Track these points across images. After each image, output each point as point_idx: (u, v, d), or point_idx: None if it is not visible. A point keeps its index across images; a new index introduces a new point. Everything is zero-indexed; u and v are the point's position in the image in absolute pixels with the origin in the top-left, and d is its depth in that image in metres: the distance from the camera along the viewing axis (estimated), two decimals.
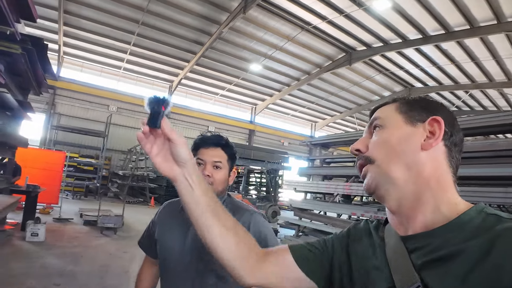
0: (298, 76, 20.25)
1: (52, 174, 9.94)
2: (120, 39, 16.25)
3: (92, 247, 5.93)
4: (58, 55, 17.31)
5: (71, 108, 18.76)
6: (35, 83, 6.69)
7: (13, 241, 5.65)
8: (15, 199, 6.06)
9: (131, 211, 10.87)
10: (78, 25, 15.30)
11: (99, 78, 19.59)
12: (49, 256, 5.01)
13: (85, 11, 14.42)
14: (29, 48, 4.75)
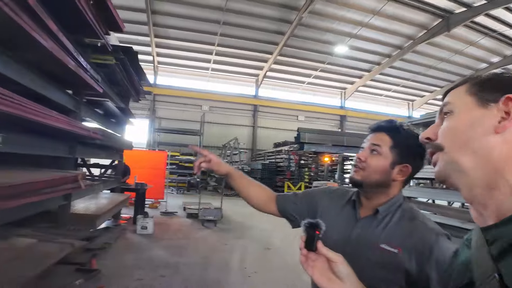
0: (388, 52, 18.48)
1: (157, 172, 10.94)
2: (205, 42, 17.07)
3: (195, 239, 6.26)
4: (153, 65, 19.13)
5: (169, 111, 20.52)
6: (133, 91, 7.33)
7: (126, 234, 6.29)
8: (125, 197, 6.77)
9: (229, 204, 11.28)
10: (166, 35, 16.56)
11: (191, 81, 21.01)
12: (156, 248, 5.42)
13: (170, 21, 15.48)
14: (121, 57, 5.15)
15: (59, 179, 2.94)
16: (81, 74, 3.51)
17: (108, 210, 4.87)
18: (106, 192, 7.00)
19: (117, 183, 7.29)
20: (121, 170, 7.82)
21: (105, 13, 3.77)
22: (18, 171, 2.93)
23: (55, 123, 2.93)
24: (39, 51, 2.64)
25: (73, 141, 4.31)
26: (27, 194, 2.38)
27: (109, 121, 6.58)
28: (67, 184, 3.23)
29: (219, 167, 1.36)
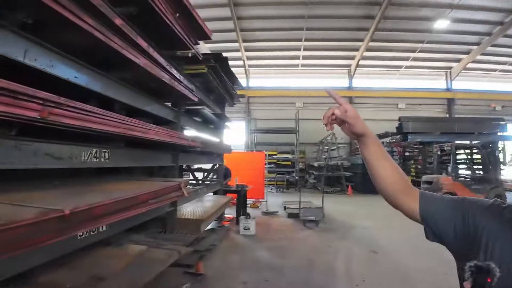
0: (500, 19, 15.29)
1: (257, 172, 11.17)
2: (292, 39, 16.87)
3: (297, 240, 6.11)
4: (244, 69, 19.76)
5: (264, 111, 20.90)
6: (227, 96, 7.54)
7: (230, 234, 6.47)
8: (227, 199, 7.00)
9: (329, 201, 10.91)
10: (253, 38, 16.89)
11: (282, 80, 21.05)
12: (259, 249, 5.42)
13: (256, 23, 15.71)
14: (212, 65, 5.27)
15: (163, 189, 3.05)
16: (176, 86, 3.63)
17: (211, 214, 5.04)
18: (210, 195, 7.36)
19: (219, 186, 7.60)
20: (222, 173, 8.14)
21: (192, 23, 3.84)
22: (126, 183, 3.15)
23: (155, 136, 3.06)
24: (133, 69, 2.76)
25: (175, 150, 4.56)
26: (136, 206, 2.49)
27: (207, 128, 6.88)
28: (171, 193, 3.35)
29: (355, 121, 1.04)
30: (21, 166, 1.92)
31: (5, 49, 1.77)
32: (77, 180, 3.10)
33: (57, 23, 1.86)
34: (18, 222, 1.32)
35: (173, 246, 3.24)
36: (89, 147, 2.62)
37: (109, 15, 2.11)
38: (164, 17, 3.13)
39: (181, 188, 3.62)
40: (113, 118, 2.33)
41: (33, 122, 1.64)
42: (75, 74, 2.38)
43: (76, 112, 1.92)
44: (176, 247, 3.25)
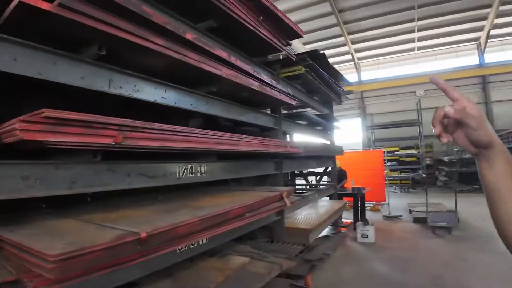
0: None
1: (375, 172, 10.27)
2: (402, 21, 15.12)
3: (423, 251, 5.23)
4: (353, 63, 18.65)
5: (380, 105, 19.33)
6: (332, 94, 7.12)
7: (346, 241, 5.99)
8: (342, 204, 6.52)
9: (464, 202, 9.21)
10: (359, 29, 15.77)
11: (397, 68, 19.11)
12: (377, 260, 4.83)
13: (359, 13, 14.63)
14: (309, 64, 4.99)
15: (261, 201, 2.92)
16: (268, 92, 3.49)
17: (322, 221, 4.72)
18: (324, 200, 7.01)
19: (333, 190, 7.19)
20: (336, 175, 7.70)
21: (279, 24, 3.66)
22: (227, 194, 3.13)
23: (247, 147, 2.97)
24: (218, 81, 2.72)
25: (278, 158, 4.43)
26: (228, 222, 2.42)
27: (313, 130, 6.59)
28: (271, 205, 3.21)
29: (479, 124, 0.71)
30: (115, 188, 2.02)
31: (89, 81, 1.89)
32: (180, 193, 3.24)
33: (128, 49, 1.90)
34: (92, 247, 1.33)
35: (276, 259, 3.07)
36: (184, 163, 2.67)
37: (178, 32, 2.08)
38: (246, 24, 3.03)
39: (283, 198, 3.46)
40: (198, 134, 2.31)
41: (110, 148, 1.69)
42: (162, 95, 2.46)
43: (155, 133, 1.92)
44: (279, 260, 3.07)
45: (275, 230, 4.14)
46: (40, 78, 1.67)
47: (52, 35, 1.72)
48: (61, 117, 1.44)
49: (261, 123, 4.06)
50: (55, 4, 1.44)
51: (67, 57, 1.80)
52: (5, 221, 1.70)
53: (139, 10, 1.78)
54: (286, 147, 3.84)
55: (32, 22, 1.61)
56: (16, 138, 1.35)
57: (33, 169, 1.62)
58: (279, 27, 3.71)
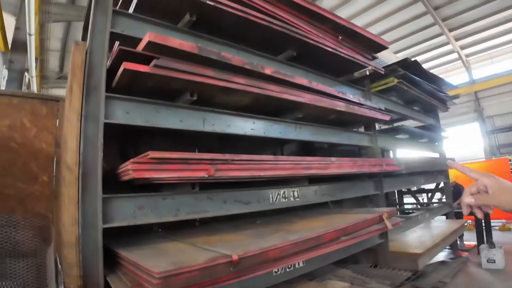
0: None
1: None
2: (507, 7, 13.00)
3: None
4: (461, 61, 16.66)
5: (500, 104, 16.68)
6: (435, 101, 6.51)
7: (468, 268, 5.15)
8: (459, 224, 5.75)
9: None
10: (461, 23, 14.14)
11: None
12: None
13: (458, 6, 13.15)
14: (401, 74, 4.71)
15: (356, 225, 2.82)
16: (356, 110, 3.42)
17: (435, 245, 4.23)
18: (438, 220, 6.28)
19: (447, 208, 6.40)
20: (450, 192, 6.85)
21: (360, 39, 3.60)
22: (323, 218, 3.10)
23: (337, 170, 2.94)
24: (302, 107, 2.81)
25: (376, 177, 4.21)
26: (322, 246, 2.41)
27: (417, 143, 6.07)
28: (369, 227, 3.06)
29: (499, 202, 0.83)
30: (214, 214, 2.23)
31: (187, 123, 2.18)
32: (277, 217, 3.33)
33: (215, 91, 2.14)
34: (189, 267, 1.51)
35: (379, 286, 2.88)
36: (277, 188, 2.78)
37: (257, 69, 2.25)
38: (324, 47, 3.08)
39: (383, 219, 3.27)
40: (285, 161, 2.40)
41: (205, 180, 1.89)
42: (251, 127, 2.64)
43: (244, 164, 2.08)
44: (382, 286, 2.87)
45: (379, 254, 3.88)
46: (147, 126, 2.01)
47: (153, 89, 2.06)
48: (163, 157, 1.72)
49: (354, 142, 3.96)
50: (151, 65, 1.74)
51: (167, 105, 2.12)
52: (127, 242, 2.03)
53: (219, 57, 2.02)
54: (382, 165, 3.64)
55: (137, 82, 1.96)
56: (130, 177, 1.66)
57: (146, 200, 1.94)
58: (361, 42, 3.65)
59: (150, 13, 2.19)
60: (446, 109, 7.19)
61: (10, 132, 2.61)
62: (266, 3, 2.68)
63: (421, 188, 8.66)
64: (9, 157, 2.55)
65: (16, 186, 2.56)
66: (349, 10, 13.59)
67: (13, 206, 2.50)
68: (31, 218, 2.60)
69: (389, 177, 4.51)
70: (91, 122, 1.87)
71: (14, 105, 2.63)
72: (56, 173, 2.71)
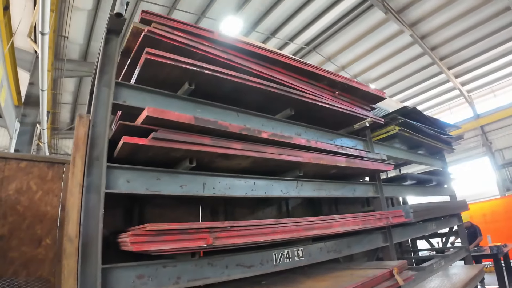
0: None
1: None
2: (506, 40, 13.31)
3: None
4: (463, 97, 16.84)
5: (508, 137, 16.53)
6: (439, 143, 6.51)
7: None
8: (478, 268, 5.48)
9: None
10: (459, 60, 14.51)
11: None
12: None
13: (454, 45, 13.55)
14: (402, 121, 4.76)
15: (365, 283, 2.72)
16: (357, 164, 3.42)
17: None
18: (455, 265, 6.00)
19: (464, 253, 6.15)
20: (465, 235, 6.61)
21: (357, 93, 3.70)
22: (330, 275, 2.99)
23: (341, 228, 2.89)
24: (302, 166, 2.82)
25: (384, 228, 4.10)
26: None
27: (425, 188, 5.97)
28: (379, 285, 2.94)
29: None
30: (216, 280, 2.17)
31: (187, 188, 2.21)
32: (283, 275, 3.23)
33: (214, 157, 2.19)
34: None
35: None
36: (280, 249, 2.72)
37: (254, 134, 2.31)
38: (322, 104, 3.16)
39: (393, 275, 3.14)
40: (285, 224, 2.38)
41: (204, 249, 1.87)
42: (252, 188, 2.65)
43: (243, 230, 2.07)
44: None
45: None
46: (147, 194, 2.03)
47: (153, 158, 2.12)
48: (161, 229, 1.72)
49: (359, 194, 3.91)
50: (150, 138, 1.81)
51: (167, 172, 2.16)
52: None
53: (216, 126, 2.10)
54: (388, 218, 3.57)
55: (137, 152, 2.02)
56: (128, 248, 1.66)
57: (146, 269, 1.91)
58: (358, 95, 3.74)
59: (151, 83, 2.30)
60: (451, 150, 7.14)
61: (17, 196, 2.66)
62: (263, 67, 2.81)
63: (434, 233, 8.38)
64: (15, 221, 2.58)
65: (21, 250, 2.56)
66: (348, 56, 14.08)
67: (16, 270, 2.49)
68: (33, 282, 2.57)
69: (398, 226, 4.40)
70: (92, 193, 1.91)
71: (21, 169, 2.70)
72: (59, 236, 2.72)
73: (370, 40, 13.09)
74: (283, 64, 2.96)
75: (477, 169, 17.46)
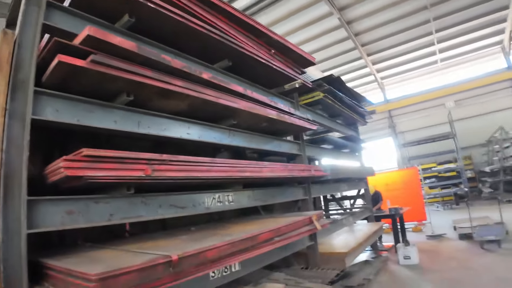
0: None
1: (412, 191, 9.94)
2: (420, 35, 15.01)
3: (473, 269, 4.88)
4: (377, 83, 18.60)
5: (410, 122, 18.91)
6: (356, 115, 7.18)
7: (388, 265, 5.72)
8: (378, 226, 6.35)
9: None
10: (378, 49, 15.84)
11: (422, 82, 18.79)
12: (424, 284, 4.55)
13: (376, 33, 14.73)
14: (326, 88, 5.14)
15: (288, 226, 2.99)
16: (287, 119, 3.64)
17: (357, 245, 4.62)
18: (360, 223, 6.85)
19: (368, 212, 7.03)
20: (369, 198, 7.54)
21: (291, 54, 3.88)
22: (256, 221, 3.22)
23: (270, 173, 3.09)
24: (237, 113, 2.92)
25: (305, 183, 4.48)
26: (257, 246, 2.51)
27: (340, 153, 6.60)
28: (300, 229, 3.25)
29: None
30: (148, 218, 2.19)
31: (121, 124, 2.14)
32: (212, 224, 3.37)
33: (153, 93, 2.15)
34: (127, 268, 1.47)
35: (311, 284, 3.06)
36: (212, 193, 2.82)
37: (195, 73, 2.31)
38: (259, 59, 3.26)
39: (312, 222, 3.50)
40: (221, 164, 2.47)
41: (142, 180, 1.88)
42: (186, 131, 2.67)
43: (181, 165, 2.11)
44: (315, 285, 3.06)
45: (310, 256, 4.12)
46: (79, 124, 1.93)
47: (87, 89, 2.00)
48: (98, 154, 1.67)
49: (284, 150, 4.18)
50: (88, 60, 1.71)
51: (101, 105, 2.06)
52: (52, 253, 1.90)
53: (159, 58, 2.04)
54: (310, 170, 3.91)
55: (70, 79, 1.89)
56: (61, 175, 1.57)
57: (76, 204, 1.84)
58: (292, 57, 3.94)
59: (86, 10, 2.12)
60: (365, 123, 7.96)
61: None
62: (207, 13, 2.78)
63: (344, 196, 9.38)
64: None
65: None
66: (278, 30, 14.31)
67: None
68: None
69: (316, 183, 4.83)
70: (16, 119, 1.75)
71: None
72: None
73: (301, 17, 13.45)
74: (228, 13, 2.97)
75: (382, 147, 19.77)
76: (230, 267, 2.64)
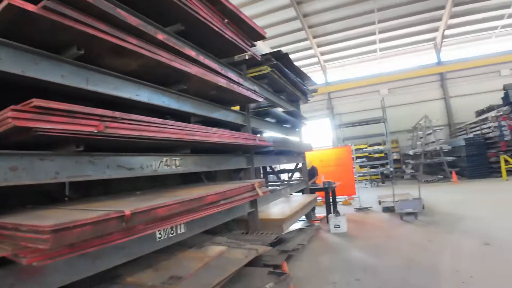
0: None
1: (344, 168, 10.76)
2: (363, 24, 15.92)
3: (393, 237, 5.60)
4: (320, 65, 19.35)
5: (347, 105, 20.17)
6: (299, 93, 7.49)
7: (320, 233, 6.29)
8: (313, 197, 6.85)
9: (431, 191, 10.13)
10: (324, 32, 16.44)
11: (361, 69, 20.01)
12: (351, 249, 5.13)
13: (323, 17, 15.27)
14: (274, 63, 5.29)
15: (234, 190, 3.13)
16: (235, 89, 3.73)
17: (294, 212, 4.98)
18: (296, 194, 7.31)
19: (304, 185, 7.51)
20: (306, 172, 8.04)
21: (243, 26, 3.92)
22: (202, 187, 3.33)
23: (218, 139, 3.18)
24: (188, 78, 2.93)
25: (249, 153, 4.66)
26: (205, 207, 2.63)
27: (282, 128, 6.89)
28: (244, 194, 3.43)
29: None
30: (96, 178, 2.17)
31: (69, 80, 2.05)
32: (157, 189, 3.40)
33: (105, 50, 2.08)
34: (82, 221, 1.49)
35: (252, 246, 3.28)
36: (160, 156, 2.85)
37: (150, 32, 2.28)
38: (212, 25, 3.27)
39: (255, 188, 3.70)
40: (172, 126, 2.50)
41: (93, 136, 1.86)
42: (136, 93, 2.63)
43: (133, 124, 2.11)
44: (255, 246, 3.29)
45: (250, 222, 4.36)
46: (23, 75, 1.82)
47: (37, 37, 1.87)
48: (49, 106, 1.61)
49: (231, 120, 4.28)
50: (40, 6, 1.61)
51: (49, 57, 1.95)
52: None
53: (115, 13, 1.98)
54: (255, 140, 4.08)
55: (17, 28, 1.76)
56: (8, 126, 1.49)
57: (20, 160, 1.75)
58: (243, 29, 3.98)
59: None
60: (307, 100, 8.34)
61: None
62: None
63: (283, 169, 9.85)
64: None
65: None
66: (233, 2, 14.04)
67: None
68: None
69: (259, 154, 5.05)
70: None
71: None
72: None
73: None
74: None
75: (320, 126, 20.87)
76: (176, 228, 2.73)
